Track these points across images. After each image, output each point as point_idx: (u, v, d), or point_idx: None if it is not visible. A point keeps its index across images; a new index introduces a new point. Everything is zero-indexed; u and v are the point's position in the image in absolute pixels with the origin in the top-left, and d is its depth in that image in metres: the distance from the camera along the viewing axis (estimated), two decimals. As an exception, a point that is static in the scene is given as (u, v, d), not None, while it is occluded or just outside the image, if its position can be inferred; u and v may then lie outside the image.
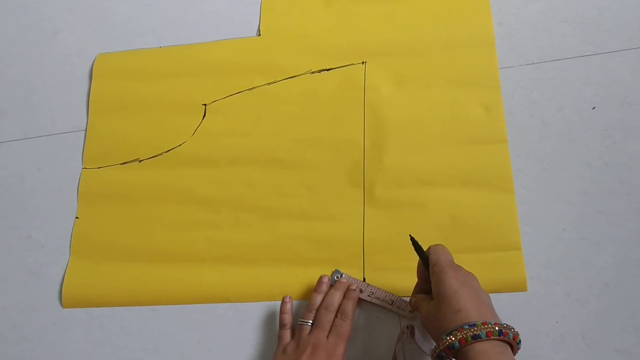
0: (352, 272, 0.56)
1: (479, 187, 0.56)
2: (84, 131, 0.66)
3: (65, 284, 0.60)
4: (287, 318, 0.54)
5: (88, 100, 0.67)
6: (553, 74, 0.60)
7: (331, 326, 0.51)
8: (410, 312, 0.52)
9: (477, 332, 0.39)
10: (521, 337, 0.50)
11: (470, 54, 0.61)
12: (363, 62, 0.63)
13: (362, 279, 0.55)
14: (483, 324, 0.40)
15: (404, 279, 0.54)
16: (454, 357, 0.41)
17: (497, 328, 0.40)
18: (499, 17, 0.63)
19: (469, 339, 0.39)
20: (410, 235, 0.48)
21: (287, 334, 0.53)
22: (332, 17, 0.66)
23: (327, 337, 0.50)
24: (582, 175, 0.56)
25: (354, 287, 0.54)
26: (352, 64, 0.63)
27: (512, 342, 0.41)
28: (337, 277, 0.55)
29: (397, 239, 0.56)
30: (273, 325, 0.55)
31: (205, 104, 0.65)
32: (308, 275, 0.56)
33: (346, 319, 0.51)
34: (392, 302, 0.53)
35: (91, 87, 0.68)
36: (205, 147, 0.63)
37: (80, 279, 0.60)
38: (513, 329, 0.41)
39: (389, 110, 0.60)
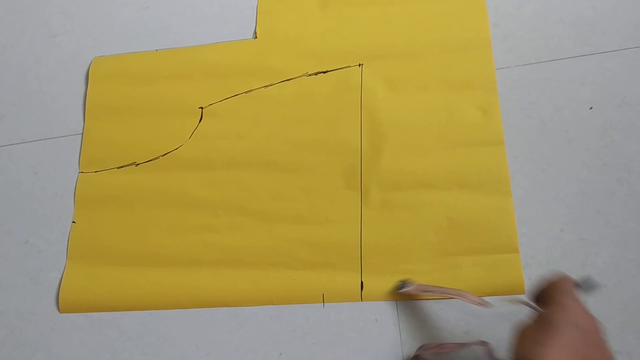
0: (349, 275, 0.56)
1: (476, 190, 0.56)
2: (80, 135, 0.66)
3: (63, 289, 0.60)
4: None
5: (85, 104, 0.67)
6: (550, 74, 0.60)
7: None
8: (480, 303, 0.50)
9: None
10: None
11: (466, 56, 0.61)
12: (359, 65, 0.63)
13: (360, 283, 0.55)
14: None
15: (402, 281, 0.54)
16: None
17: None
18: (495, 18, 0.62)
19: None
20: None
21: None
22: (328, 20, 0.65)
23: None
24: (580, 175, 0.56)
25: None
26: (349, 67, 0.63)
27: None
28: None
29: (394, 242, 0.56)
30: (271, 329, 0.55)
31: (201, 107, 0.65)
32: (305, 279, 0.56)
33: None
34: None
35: (87, 90, 0.68)
36: (201, 150, 0.63)
37: (78, 283, 0.60)
38: None
39: (386, 112, 0.60)
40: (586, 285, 0.43)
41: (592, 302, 0.52)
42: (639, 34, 0.60)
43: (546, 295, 0.39)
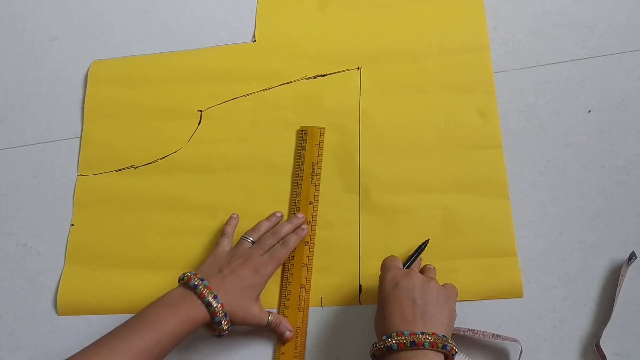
0: (348, 278, 0.56)
1: (474, 193, 0.56)
2: (80, 138, 0.66)
3: (61, 292, 0.59)
4: (229, 229, 0.57)
5: (84, 106, 0.68)
6: (549, 77, 0.60)
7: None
8: None
9: (390, 344, 0.42)
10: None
11: (465, 59, 0.61)
12: (358, 68, 0.63)
13: (358, 285, 0.55)
14: (398, 334, 0.42)
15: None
16: None
17: (410, 339, 0.41)
18: (494, 21, 0.63)
19: (385, 350, 0.42)
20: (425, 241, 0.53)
21: (225, 242, 0.55)
22: (327, 23, 0.66)
23: (262, 255, 0.53)
24: (578, 178, 0.56)
25: (305, 227, 0.56)
26: (348, 70, 0.63)
27: (433, 352, 0.41)
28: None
29: (392, 245, 0.56)
30: (270, 333, 0.55)
31: (200, 110, 0.65)
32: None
33: (285, 247, 0.54)
34: None
35: (86, 93, 0.68)
36: (201, 153, 0.63)
37: (76, 286, 0.60)
38: (430, 337, 0.41)
39: (384, 115, 0.60)
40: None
41: (591, 304, 0.52)
42: (637, 37, 0.60)
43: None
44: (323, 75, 0.63)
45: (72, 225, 0.62)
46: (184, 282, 0.49)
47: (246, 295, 0.50)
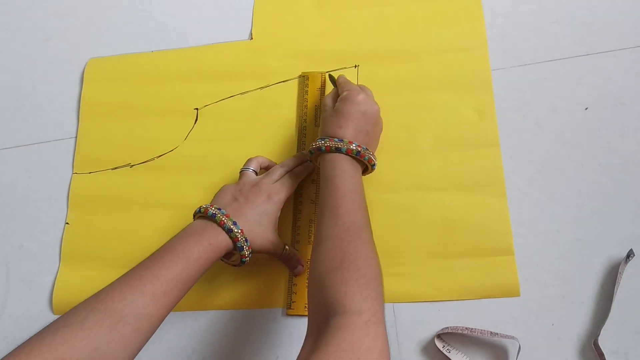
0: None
1: (471, 192, 0.56)
2: (74, 138, 0.66)
3: (56, 290, 0.59)
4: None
5: (79, 106, 0.67)
6: (546, 75, 0.60)
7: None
8: None
9: (340, 146, 0.49)
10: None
11: (462, 57, 0.61)
12: (355, 66, 0.63)
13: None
14: (349, 142, 0.50)
15: (398, 284, 0.54)
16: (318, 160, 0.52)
17: (357, 149, 0.50)
18: (490, 18, 0.62)
19: (333, 149, 0.49)
20: (329, 75, 0.60)
21: (229, 184, 0.55)
22: (324, 21, 0.65)
23: (272, 184, 0.54)
24: (576, 176, 0.56)
25: (310, 163, 0.58)
26: (345, 68, 0.63)
27: (367, 164, 0.51)
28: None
29: (390, 243, 0.55)
30: (268, 333, 0.55)
31: (197, 108, 0.64)
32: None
33: (294, 177, 0.55)
34: None
35: (82, 91, 0.67)
36: (197, 151, 0.62)
37: (71, 284, 0.59)
38: (370, 154, 0.51)
39: (382, 114, 0.60)
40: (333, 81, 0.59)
41: (589, 302, 0.52)
42: (634, 34, 0.60)
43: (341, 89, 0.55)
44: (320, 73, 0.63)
45: (67, 223, 0.62)
46: (202, 214, 0.49)
47: (263, 221, 0.51)
